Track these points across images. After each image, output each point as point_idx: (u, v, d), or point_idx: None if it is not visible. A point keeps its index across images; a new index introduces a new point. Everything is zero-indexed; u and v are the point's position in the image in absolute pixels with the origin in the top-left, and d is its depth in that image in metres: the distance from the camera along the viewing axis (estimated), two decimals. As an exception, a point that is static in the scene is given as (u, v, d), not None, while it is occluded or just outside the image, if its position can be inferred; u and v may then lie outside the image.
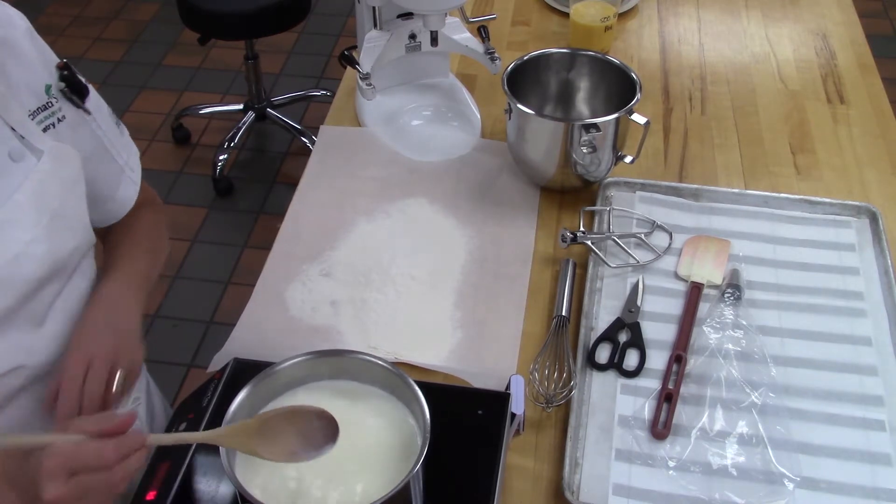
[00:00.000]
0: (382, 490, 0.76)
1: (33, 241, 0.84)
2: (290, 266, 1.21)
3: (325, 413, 0.77)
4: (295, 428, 0.76)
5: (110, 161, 1.00)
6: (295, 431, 0.76)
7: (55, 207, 0.86)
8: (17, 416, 0.90)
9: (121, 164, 1.02)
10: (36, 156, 0.85)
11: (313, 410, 0.77)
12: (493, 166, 1.36)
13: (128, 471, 0.72)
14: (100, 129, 0.97)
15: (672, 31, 1.69)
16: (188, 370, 2.29)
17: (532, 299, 1.17)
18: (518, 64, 1.30)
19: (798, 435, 0.99)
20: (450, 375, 1.06)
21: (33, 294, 0.87)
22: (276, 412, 0.77)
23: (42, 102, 0.87)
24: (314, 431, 0.77)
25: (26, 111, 0.85)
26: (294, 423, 0.77)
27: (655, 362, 1.07)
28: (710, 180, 1.34)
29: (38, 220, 0.84)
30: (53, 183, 0.86)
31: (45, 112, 0.87)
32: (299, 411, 0.77)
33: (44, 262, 0.86)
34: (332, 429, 0.77)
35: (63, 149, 0.88)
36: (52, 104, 0.88)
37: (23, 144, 0.84)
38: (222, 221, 2.74)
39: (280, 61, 3.39)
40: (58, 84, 0.90)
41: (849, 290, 1.16)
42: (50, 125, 0.87)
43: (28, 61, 0.86)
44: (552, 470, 0.98)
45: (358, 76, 1.33)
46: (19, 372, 0.87)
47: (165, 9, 3.68)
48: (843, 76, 1.56)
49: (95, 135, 0.97)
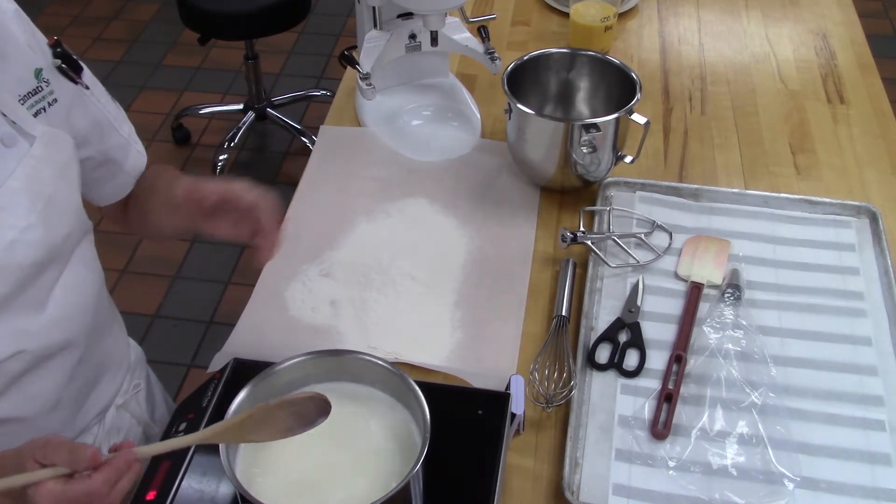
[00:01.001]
0: (382, 490, 0.76)
1: (28, 228, 0.83)
2: (290, 266, 1.21)
3: (314, 395, 0.77)
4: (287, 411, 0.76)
5: (114, 134, 1.00)
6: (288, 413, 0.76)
7: (49, 193, 0.86)
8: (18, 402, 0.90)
9: (125, 137, 1.02)
10: (28, 141, 0.84)
11: (303, 396, 0.77)
12: (493, 166, 1.36)
13: (121, 493, 0.72)
14: (98, 102, 0.97)
15: (672, 31, 1.69)
16: (188, 370, 2.29)
17: (532, 299, 1.17)
18: (518, 64, 1.30)
19: (798, 435, 0.99)
20: (450, 375, 1.06)
21: (31, 280, 0.86)
22: (264, 406, 0.76)
23: (32, 87, 0.86)
24: (307, 410, 0.77)
25: (16, 96, 0.84)
26: (285, 409, 0.76)
27: (655, 362, 1.07)
28: (710, 180, 1.34)
29: (33, 206, 0.84)
30: (47, 168, 0.86)
31: (35, 97, 0.86)
32: (288, 400, 0.77)
33: (39, 247, 0.85)
34: (325, 404, 0.77)
35: (55, 133, 0.87)
36: (42, 88, 0.87)
37: (14, 130, 0.83)
38: (222, 221, 2.74)
39: (280, 61, 3.39)
40: (53, 62, 0.89)
41: (849, 290, 1.16)
42: (41, 109, 0.86)
43: (17, 45, 0.85)
44: (552, 470, 0.98)
45: (358, 76, 1.33)
46: (20, 357, 0.87)
47: (165, 9, 3.67)
48: (843, 76, 1.56)
49: (96, 108, 0.97)
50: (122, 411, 1.08)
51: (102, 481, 0.71)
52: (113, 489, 0.71)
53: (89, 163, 0.98)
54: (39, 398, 0.93)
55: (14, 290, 0.84)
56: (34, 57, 0.87)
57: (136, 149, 1.04)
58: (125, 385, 1.09)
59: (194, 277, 2.55)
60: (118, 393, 1.07)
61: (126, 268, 2.55)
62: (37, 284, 0.88)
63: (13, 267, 0.83)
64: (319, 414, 0.76)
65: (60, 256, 0.91)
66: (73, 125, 0.93)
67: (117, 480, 0.72)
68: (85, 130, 0.95)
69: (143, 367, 1.16)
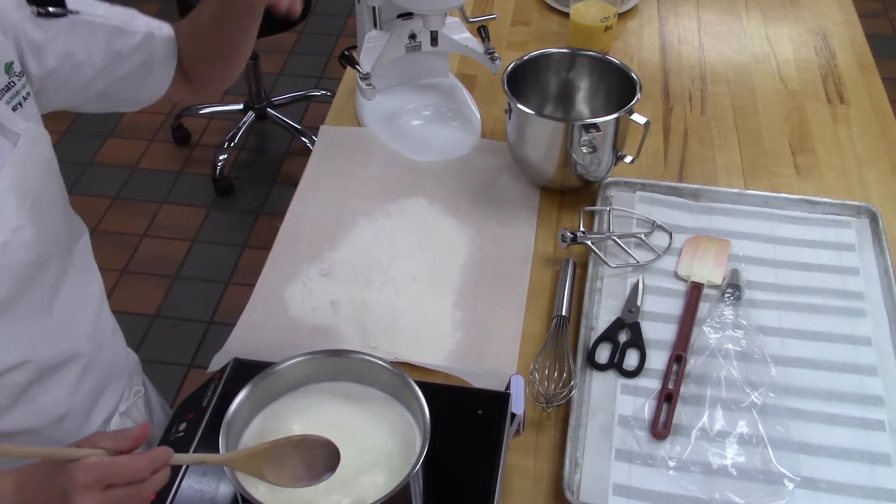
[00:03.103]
0: (382, 490, 0.76)
1: (20, 228, 0.82)
2: (290, 266, 1.21)
3: (330, 443, 0.78)
4: (300, 455, 0.78)
5: (131, 36, 0.95)
6: (300, 458, 0.78)
7: (36, 191, 0.85)
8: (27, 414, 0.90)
9: (143, 30, 0.96)
10: (10, 139, 0.82)
11: (319, 440, 0.79)
12: (493, 166, 1.36)
13: (157, 485, 0.73)
14: (97, 17, 0.92)
15: (672, 31, 1.69)
16: (188, 370, 2.29)
17: (532, 299, 1.17)
18: (518, 64, 1.30)
19: (798, 435, 0.99)
20: (450, 375, 1.06)
21: (29, 283, 0.86)
22: (286, 440, 0.78)
23: (4, 83, 0.82)
24: (317, 460, 0.78)
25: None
26: (300, 451, 0.78)
27: (655, 362, 1.07)
28: (710, 180, 1.34)
29: (21, 205, 0.82)
30: (32, 166, 0.84)
31: (8, 93, 0.83)
32: (306, 440, 0.79)
33: (32, 247, 0.85)
34: (334, 457, 0.78)
35: (36, 129, 0.85)
36: (14, 83, 0.83)
37: None
38: (222, 221, 2.74)
39: (280, 61, 3.39)
40: (31, 10, 0.84)
41: (849, 290, 1.16)
42: (17, 105, 0.84)
43: None
44: (552, 470, 0.98)
45: (358, 76, 1.33)
46: (26, 367, 0.87)
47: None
48: (843, 76, 1.56)
49: (100, 26, 0.92)
50: (125, 418, 1.08)
51: (148, 460, 0.71)
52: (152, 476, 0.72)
53: (129, 78, 0.95)
54: (47, 410, 0.93)
55: (12, 292, 0.84)
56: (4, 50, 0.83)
57: (158, 33, 0.98)
58: (127, 391, 1.09)
59: (194, 277, 2.55)
60: (122, 400, 1.07)
61: (126, 268, 2.55)
62: (36, 288, 0.87)
63: (7, 268, 0.83)
64: (327, 468, 0.78)
65: (56, 258, 0.90)
66: (90, 55, 0.89)
67: (158, 469, 0.72)
68: (102, 54, 0.91)
69: (140, 373, 1.16)
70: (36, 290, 0.87)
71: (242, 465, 0.77)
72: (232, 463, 0.77)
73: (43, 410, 0.92)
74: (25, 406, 0.89)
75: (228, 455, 0.78)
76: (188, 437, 0.90)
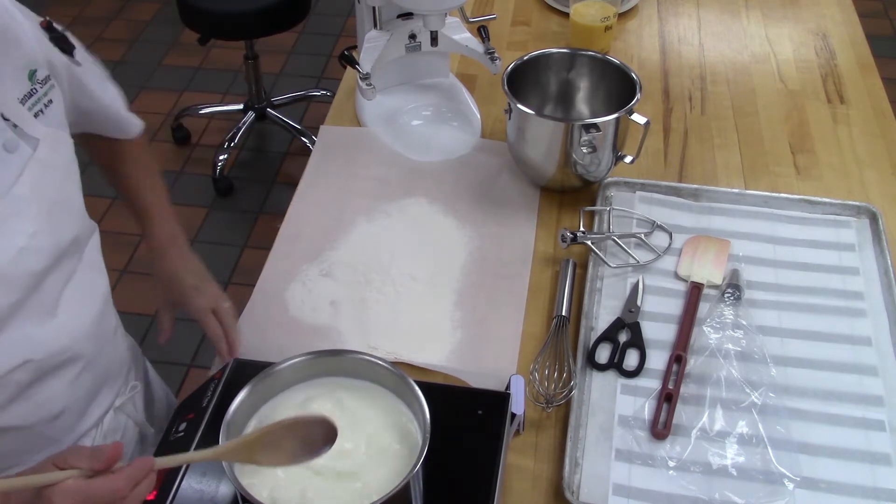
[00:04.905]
0: (383, 490, 0.76)
1: (37, 234, 0.83)
2: (290, 266, 1.21)
3: (324, 419, 0.77)
4: (296, 435, 0.77)
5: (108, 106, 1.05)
6: (296, 438, 0.77)
7: (55, 197, 0.85)
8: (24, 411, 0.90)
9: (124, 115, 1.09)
10: (30, 144, 0.83)
11: (314, 418, 0.78)
12: (493, 166, 1.36)
13: (139, 498, 0.73)
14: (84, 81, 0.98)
15: (672, 31, 1.69)
16: (188, 370, 2.29)
17: (532, 299, 1.17)
18: (518, 64, 1.30)
19: (798, 435, 0.99)
20: (450, 375, 1.06)
21: (38, 285, 0.86)
22: (278, 424, 0.77)
23: (28, 89, 0.84)
24: (314, 436, 0.77)
25: (16, 98, 0.83)
26: (295, 431, 0.77)
27: (655, 362, 1.07)
28: (710, 180, 1.34)
29: (39, 211, 0.83)
30: (51, 172, 0.85)
31: (31, 99, 0.84)
32: (299, 421, 0.77)
33: (48, 253, 0.85)
34: (331, 432, 0.77)
35: (57, 134, 0.87)
36: (36, 90, 0.85)
37: (16, 133, 0.82)
38: (222, 221, 2.74)
39: (280, 61, 3.39)
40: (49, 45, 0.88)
41: (849, 290, 1.16)
42: (39, 111, 0.85)
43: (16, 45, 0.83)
44: (552, 470, 0.98)
45: (358, 76, 1.33)
46: (27, 367, 0.87)
47: (165, 9, 3.68)
48: (843, 76, 1.56)
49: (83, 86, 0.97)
50: (119, 413, 1.08)
51: (126, 478, 0.71)
52: (133, 490, 0.71)
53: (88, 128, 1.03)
54: (45, 407, 0.92)
55: (23, 297, 0.84)
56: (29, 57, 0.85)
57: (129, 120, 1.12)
58: (123, 387, 1.09)
59: (194, 277, 2.55)
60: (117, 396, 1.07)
61: (126, 268, 2.55)
62: (44, 289, 0.87)
63: (23, 274, 0.83)
64: (325, 442, 0.77)
65: (66, 259, 0.90)
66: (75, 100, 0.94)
67: (138, 482, 0.72)
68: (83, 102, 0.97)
69: (140, 366, 1.16)
70: (44, 292, 0.87)
71: (232, 455, 0.76)
72: (220, 456, 0.76)
73: (39, 408, 0.92)
74: (22, 403, 0.89)
75: (214, 449, 0.76)
76: (188, 437, 0.90)
